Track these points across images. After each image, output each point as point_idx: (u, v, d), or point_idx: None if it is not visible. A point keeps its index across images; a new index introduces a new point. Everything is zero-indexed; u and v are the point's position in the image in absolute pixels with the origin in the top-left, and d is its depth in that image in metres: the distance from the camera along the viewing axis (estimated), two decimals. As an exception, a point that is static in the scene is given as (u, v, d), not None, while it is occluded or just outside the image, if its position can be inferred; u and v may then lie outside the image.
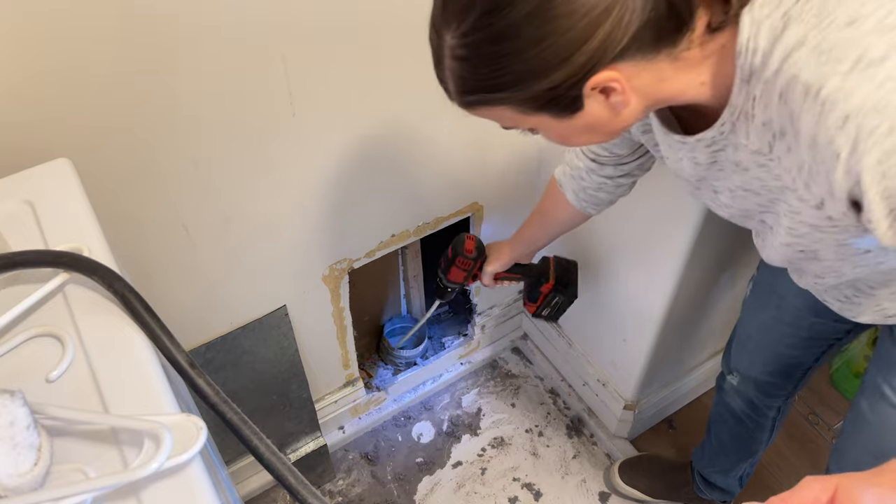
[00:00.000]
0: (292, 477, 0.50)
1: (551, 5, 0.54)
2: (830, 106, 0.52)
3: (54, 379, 0.53)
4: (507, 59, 0.57)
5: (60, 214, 0.65)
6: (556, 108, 0.62)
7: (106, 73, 0.80)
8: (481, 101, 0.63)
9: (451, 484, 1.60)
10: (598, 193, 1.02)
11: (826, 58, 0.52)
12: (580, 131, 0.67)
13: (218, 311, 1.17)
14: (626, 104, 0.62)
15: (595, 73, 0.58)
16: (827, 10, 0.53)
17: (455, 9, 0.58)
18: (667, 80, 0.62)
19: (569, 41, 0.55)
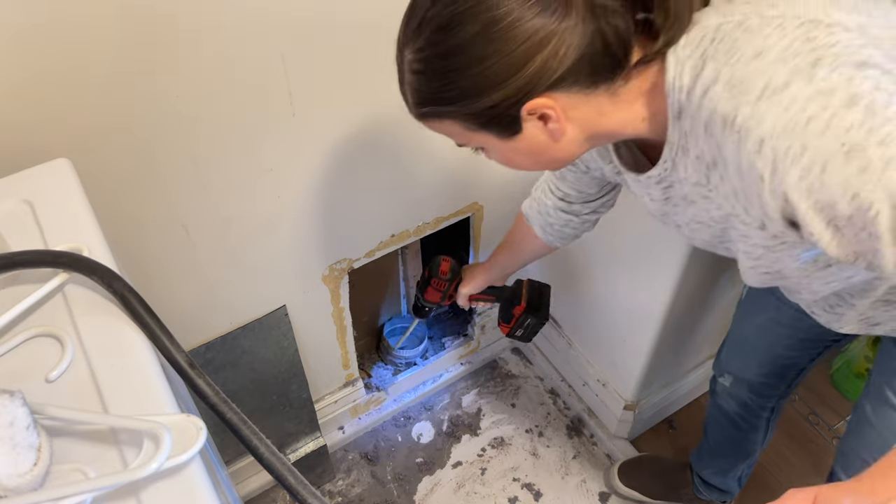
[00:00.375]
0: (292, 477, 0.50)
1: (495, 29, 0.59)
2: (745, 133, 0.56)
3: (54, 379, 0.53)
4: (453, 74, 0.62)
5: (60, 214, 0.65)
6: (497, 128, 0.67)
7: (106, 73, 0.80)
8: (432, 113, 0.68)
9: (451, 484, 1.60)
10: (564, 229, 1.07)
11: (737, 90, 0.57)
12: (522, 154, 0.71)
13: (217, 311, 1.17)
14: (562, 132, 0.67)
15: (531, 98, 0.63)
16: (736, 47, 0.58)
17: (413, 28, 0.63)
18: (606, 114, 0.67)
19: (508, 64, 0.60)
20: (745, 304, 1.14)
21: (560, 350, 1.70)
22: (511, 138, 0.68)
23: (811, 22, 0.57)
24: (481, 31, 0.60)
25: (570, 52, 0.61)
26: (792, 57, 0.55)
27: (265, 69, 0.91)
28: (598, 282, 1.45)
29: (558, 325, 1.67)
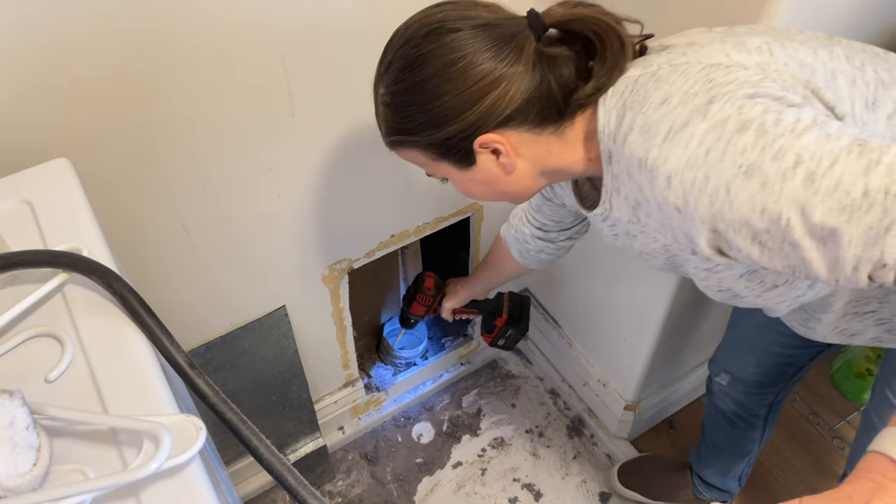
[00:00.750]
0: (292, 477, 0.50)
1: (451, 70, 0.67)
2: (655, 172, 0.62)
3: (53, 379, 0.53)
4: (414, 107, 0.70)
5: (59, 214, 0.65)
6: (454, 158, 0.74)
7: (105, 72, 0.80)
8: (399, 142, 0.76)
9: (451, 484, 1.60)
10: (541, 255, 1.15)
11: (648, 135, 0.63)
12: (479, 184, 0.78)
13: (217, 311, 1.17)
14: (513, 167, 0.74)
15: (482, 133, 0.70)
16: (648, 96, 0.65)
17: (384, 66, 0.72)
18: (555, 153, 0.74)
19: (461, 101, 0.68)
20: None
21: (560, 350, 1.70)
22: (468, 169, 0.75)
23: (712, 66, 0.64)
24: (439, 72, 0.68)
25: (517, 94, 0.68)
26: (691, 98, 0.62)
27: (265, 69, 0.91)
28: (599, 282, 1.45)
29: (558, 325, 1.67)
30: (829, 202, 0.55)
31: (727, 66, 0.64)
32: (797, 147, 0.57)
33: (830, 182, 0.55)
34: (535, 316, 1.74)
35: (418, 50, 0.69)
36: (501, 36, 0.68)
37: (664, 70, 0.66)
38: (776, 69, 0.65)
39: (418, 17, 0.72)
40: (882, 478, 0.47)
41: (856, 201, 0.55)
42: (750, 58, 0.65)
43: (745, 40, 0.67)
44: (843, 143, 0.57)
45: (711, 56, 0.66)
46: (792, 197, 0.56)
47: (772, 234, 0.59)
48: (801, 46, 0.68)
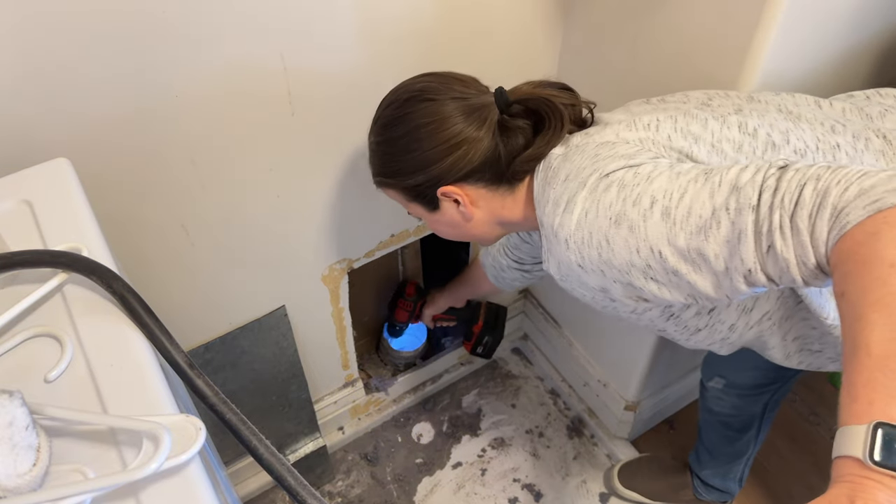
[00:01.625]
0: (291, 478, 0.50)
1: (422, 131, 0.81)
2: (559, 238, 0.74)
3: (53, 379, 0.53)
4: (390, 157, 0.86)
5: (59, 214, 0.65)
6: (422, 201, 0.88)
7: (105, 72, 0.80)
8: (382, 182, 0.90)
9: (451, 485, 1.60)
10: (514, 283, 1.29)
11: (554, 207, 0.75)
12: (445, 226, 0.92)
13: (217, 311, 1.17)
14: (471, 215, 0.87)
15: (444, 184, 0.84)
16: (556, 174, 0.77)
17: (374, 121, 0.88)
18: (508, 208, 0.87)
19: (427, 157, 0.82)
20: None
21: (560, 350, 1.70)
22: (434, 212, 0.89)
23: (602, 144, 0.77)
24: (412, 131, 0.82)
25: (476, 156, 0.82)
26: (580, 172, 0.74)
27: (265, 69, 0.91)
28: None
29: (558, 325, 1.67)
30: (686, 228, 0.64)
31: (613, 143, 0.76)
32: (651, 190, 0.67)
33: (683, 210, 0.64)
34: (535, 316, 1.74)
35: (398, 112, 0.84)
36: (470, 107, 0.81)
37: (572, 150, 0.79)
38: (654, 141, 0.77)
39: (404, 84, 0.86)
40: (856, 477, 0.47)
41: (707, 221, 0.63)
42: (635, 134, 0.78)
43: (637, 120, 0.80)
44: (690, 176, 0.66)
45: (606, 136, 0.79)
46: (656, 232, 0.66)
47: (654, 269, 0.68)
48: (692, 122, 0.79)
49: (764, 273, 0.61)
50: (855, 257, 0.53)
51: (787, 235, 0.58)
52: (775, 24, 0.86)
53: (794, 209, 0.58)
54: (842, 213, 0.55)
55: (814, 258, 0.57)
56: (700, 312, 0.86)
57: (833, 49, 1.01)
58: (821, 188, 0.57)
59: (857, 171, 0.56)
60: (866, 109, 0.86)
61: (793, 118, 0.81)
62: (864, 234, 0.53)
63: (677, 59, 1.01)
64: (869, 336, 0.50)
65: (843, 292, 0.54)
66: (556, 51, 1.22)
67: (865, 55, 1.08)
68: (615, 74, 1.12)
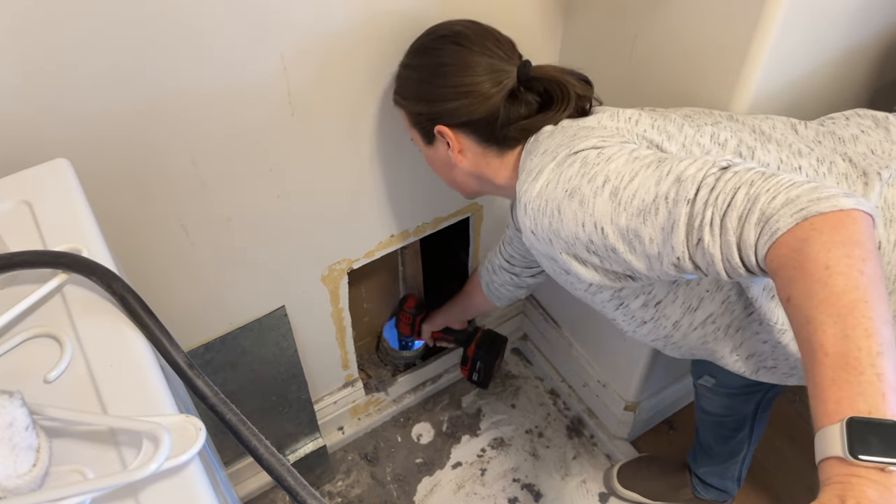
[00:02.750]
0: (291, 478, 0.50)
1: (442, 68, 0.88)
2: (519, 201, 0.79)
3: (52, 380, 0.53)
4: (408, 80, 0.94)
5: (59, 215, 0.65)
6: (420, 132, 0.95)
7: (105, 72, 0.80)
8: (396, 100, 0.98)
9: (451, 485, 1.60)
10: (501, 289, 1.31)
11: (526, 176, 0.79)
12: (436, 164, 0.99)
13: (216, 311, 1.17)
14: (458, 161, 0.92)
15: (441, 123, 0.90)
16: (538, 147, 0.82)
17: (412, 44, 0.95)
18: (491, 166, 0.92)
19: (437, 93, 0.89)
20: None
21: (560, 350, 1.70)
22: (428, 146, 0.96)
23: (584, 127, 0.81)
24: (433, 66, 0.89)
25: (478, 111, 0.86)
26: (556, 148, 0.78)
27: (264, 68, 0.91)
28: (598, 282, 1.44)
29: (558, 325, 1.67)
30: (629, 209, 0.68)
31: (593, 127, 0.81)
32: (606, 170, 0.71)
33: (630, 192, 0.68)
34: (535, 316, 1.74)
35: (432, 44, 0.91)
36: (493, 66, 0.86)
37: (558, 130, 0.83)
38: (629, 131, 0.81)
39: (447, 22, 0.92)
40: (843, 476, 0.48)
41: (648, 206, 0.67)
42: (615, 123, 0.82)
43: (621, 112, 0.84)
44: (644, 161, 0.70)
45: (588, 122, 0.83)
46: (602, 209, 0.70)
47: (595, 244, 0.72)
48: (669, 123, 0.83)
49: (692, 262, 0.65)
50: (793, 263, 0.56)
51: (716, 233, 0.62)
52: (775, 24, 0.86)
53: (726, 210, 0.62)
54: (770, 220, 0.59)
55: (738, 258, 0.61)
56: (647, 304, 0.88)
57: (833, 49, 1.01)
58: (752, 193, 0.61)
59: (787, 181, 0.60)
60: (839, 132, 0.90)
61: (763, 139, 0.85)
62: (796, 240, 0.56)
63: (677, 60, 1.01)
64: (822, 337, 0.52)
65: (788, 297, 0.56)
66: (556, 49, 1.22)
67: (865, 55, 1.08)
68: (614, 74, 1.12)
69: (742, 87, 0.93)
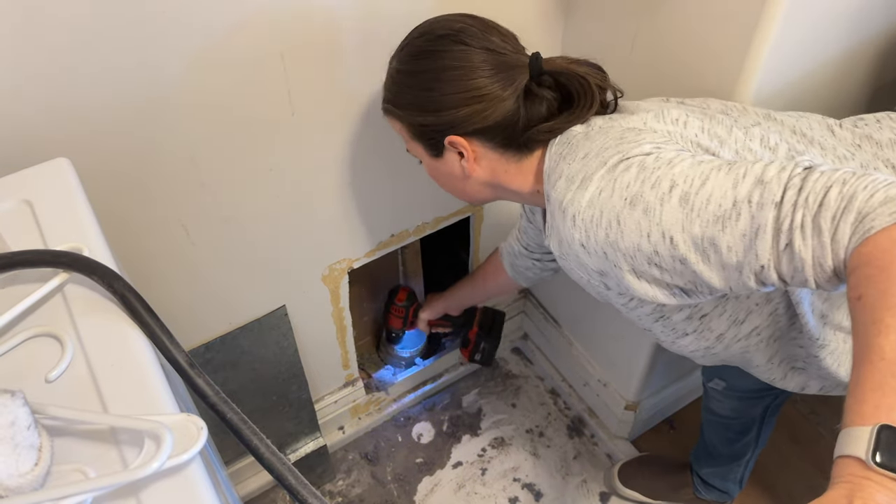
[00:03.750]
0: (292, 477, 0.50)
1: (448, 73, 0.78)
2: (566, 213, 0.72)
3: (54, 379, 0.53)
4: (406, 88, 0.82)
5: (59, 214, 0.65)
6: (426, 143, 0.85)
7: (105, 72, 0.80)
8: (389, 110, 0.87)
9: (452, 484, 1.60)
10: (527, 272, 1.23)
11: (567, 183, 0.73)
12: (442, 175, 0.89)
13: (217, 310, 1.17)
14: (472, 171, 0.84)
15: (453, 133, 0.81)
16: (574, 150, 0.75)
17: (401, 46, 0.84)
18: (509, 174, 0.84)
19: (445, 101, 0.79)
20: None
21: (560, 350, 1.70)
22: (435, 158, 0.86)
23: (628, 129, 0.74)
24: (435, 70, 0.79)
25: (494, 115, 0.78)
26: (602, 153, 0.71)
27: (264, 68, 0.91)
28: (599, 282, 1.44)
29: (558, 325, 1.67)
30: (704, 216, 0.63)
31: (640, 129, 0.74)
32: (671, 175, 0.65)
33: (703, 198, 0.63)
34: (535, 316, 1.74)
35: (429, 46, 0.80)
36: (502, 63, 0.78)
37: (594, 131, 0.77)
38: (682, 136, 0.75)
39: (443, 19, 0.82)
40: (856, 477, 0.47)
41: (727, 212, 0.62)
42: (663, 126, 0.76)
43: (666, 112, 0.78)
44: (713, 164, 0.65)
45: (632, 123, 0.77)
46: (671, 217, 0.64)
47: (661, 256, 0.66)
48: (717, 126, 0.78)
49: (776, 271, 0.61)
50: (876, 262, 0.53)
51: (808, 235, 0.58)
52: (775, 24, 0.86)
53: (818, 210, 0.58)
54: (866, 218, 0.55)
55: (831, 261, 0.57)
56: (691, 317, 0.85)
57: (833, 49, 1.01)
58: (847, 192, 0.57)
59: (883, 180, 0.57)
60: (875, 136, 0.86)
61: (806, 141, 0.82)
62: (889, 240, 0.53)
63: (677, 60, 1.01)
64: (884, 341, 0.50)
65: (859, 296, 0.53)
66: (557, 48, 1.22)
67: (865, 55, 1.08)
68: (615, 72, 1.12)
69: (742, 86, 0.93)
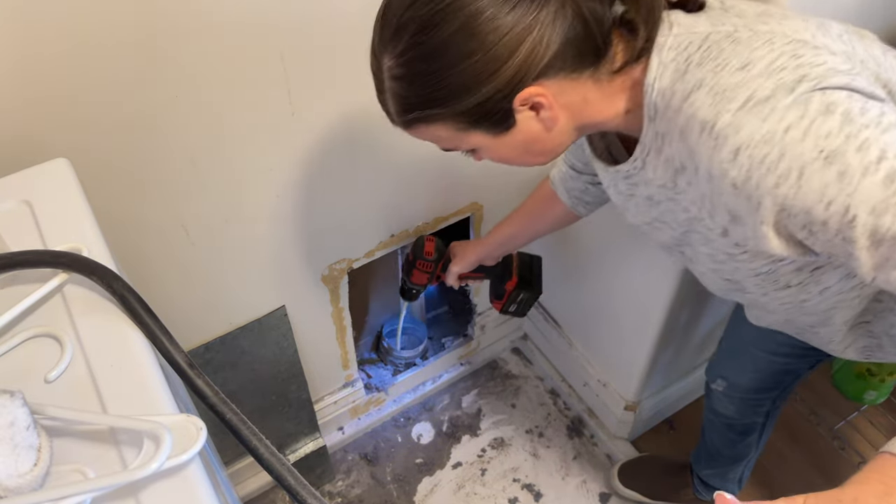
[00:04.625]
0: (291, 478, 0.50)
1: (476, 23, 0.59)
2: (722, 140, 0.57)
3: (53, 379, 0.53)
4: (439, 74, 0.61)
5: (59, 214, 0.65)
6: (489, 124, 0.65)
7: (105, 72, 0.80)
8: (419, 118, 0.67)
9: (451, 485, 1.60)
10: (584, 196, 1.04)
11: (720, 98, 0.58)
12: (517, 150, 0.70)
13: (217, 311, 1.17)
14: (556, 120, 0.66)
15: (522, 88, 0.62)
16: (723, 57, 0.59)
17: (390, 33, 0.62)
18: (591, 102, 0.67)
19: (495, 56, 0.60)
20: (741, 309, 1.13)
21: (560, 350, 1.70)
22: (504, 133, 0.67)
23: (799, 42, 0.59)
24: (463, 27, 0.59)
25: (554, 37, 0.61)
26: (777, 71, 0.57)
27: (264, 68, 0.91)
28: (599, 282, 1.45)
29: (558, 325, 1.67)
30: None
31: (815, 46, 0.59)
32: (882, 141, 0.53)
33: None
34: (535, 316, 1.74)
35: (433, 7, 0.60)
36: None
37: (743, 33, 0.60)
38: (861, 60, 0.63)
39: None
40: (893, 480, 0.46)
41: None
42: (835, 45, 0.62)
43: (826, 24, 0.64)
44: None
45: (797, 31, 0.61)
46: (867, 194, 0.53)
47: (827, 227, 0.56)
48: (871, 43, 0.66)
49: None
50: None
51: None
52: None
53: None
54: None
55: None
56: (802, 269, 0.73)
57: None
58: None
59: None
60: None
61: None
62: None
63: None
64: None
65: None
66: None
67: (865, 55, 1.08)
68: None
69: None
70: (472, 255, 1.21)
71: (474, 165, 1.31)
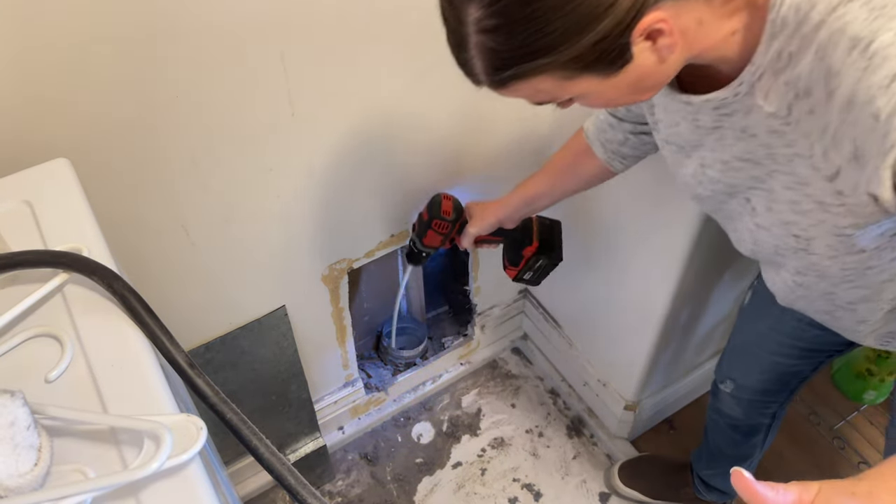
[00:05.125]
0: (292, 477, 0.50)
1: None
2: (880, 61, 0.49)
3: (53, 379, 0.53)
4: (545, 17, 0.52)
5: (59, 214, 0.65)
6: (603, 65, 0.56)
7: (105, 73, 0.80)
8: (517, 74, 0.57)
9: (451, 485, 1.60)
10: (622, 148, 0.95)
11: (879, 13, 0.49)
12: (626, 90, 0.61)
13: (217, 311, 1.17)
14: (674, 48, 0.57)
15: (643, 16, 0.53)
16: None
17: None
18: (705, 23, 0.58)
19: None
20: (748, 310, 1.13)
21: (560, 350, 1.70)
22: (617, 73, 0.58)
23: None
24: None
25: None
26: None
27: (264, 69, 0.91)
28: (599, 282, 1.45)
29: (558, 325, 1.67)
30: None
31: None
32: None
33: None
34: (535, 316, 1.74)
35: None
36: None
37: None
38: None
39: None
40: None
41: None
42: None
43: None
44: None
45: None
46: None
47: None
48: None
49: None
50: None
51: None
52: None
53: None
54: None
55: None
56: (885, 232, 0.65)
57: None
58: None
59: None
60: None
61: None
62: None
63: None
64: None
65: None
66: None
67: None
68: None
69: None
70: (491, 217, 1.11)
71: (474, 165, 1.31)
